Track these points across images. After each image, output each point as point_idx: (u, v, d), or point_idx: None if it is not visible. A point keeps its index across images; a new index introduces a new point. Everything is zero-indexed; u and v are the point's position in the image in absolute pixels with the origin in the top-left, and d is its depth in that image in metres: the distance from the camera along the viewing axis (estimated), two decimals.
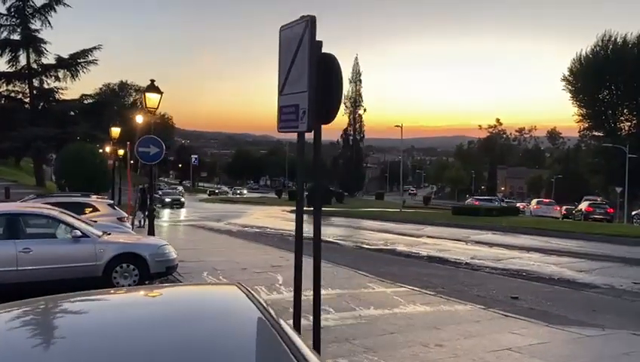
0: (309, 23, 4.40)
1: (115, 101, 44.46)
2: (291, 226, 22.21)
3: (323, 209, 23.32)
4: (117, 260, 9.41)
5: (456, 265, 13.71)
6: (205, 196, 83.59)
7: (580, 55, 60.27)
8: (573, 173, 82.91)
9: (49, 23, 38.06)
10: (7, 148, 37.54)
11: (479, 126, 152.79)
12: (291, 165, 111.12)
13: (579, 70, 59.68)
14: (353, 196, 77.99)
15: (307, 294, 9.03)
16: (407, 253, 16.26)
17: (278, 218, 34.64)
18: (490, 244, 18.68)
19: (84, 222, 11.88)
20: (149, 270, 9.64)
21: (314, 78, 4.52)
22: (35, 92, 38.46)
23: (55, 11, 38.02)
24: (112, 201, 15.64)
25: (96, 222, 12.87)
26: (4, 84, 38.38)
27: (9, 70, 37.92)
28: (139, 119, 20.77)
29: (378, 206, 56.11)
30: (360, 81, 79.29)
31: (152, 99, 13.12)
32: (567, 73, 61.48)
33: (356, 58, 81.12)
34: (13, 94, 39.34)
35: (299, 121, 4.71)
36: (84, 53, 37.93)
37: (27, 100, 38.45)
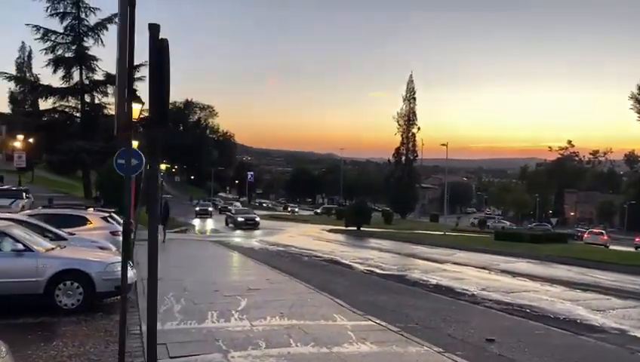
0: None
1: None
2: (318, 246, 21.65)
3: (363, 229, 22.77)
4: (60, 277, 8.90)
5: (458, 296, 12.34)
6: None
7: None
8: None
9: (101, 41, 39.57)
10: (57, 161, 39.18)
11: (549, 147, 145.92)
12: (347, 183, 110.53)
13: None
14: (404, 217, 75.83)
15: (258, 323, 8.18)
16: (415, 280, 14.97)
17: (312, 237, 33.85)
18: (515, 274, 17.00)
19: (53, 234, 11.63)
20: (95, 288, 9.08)
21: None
22: (86, 107, 39.96)
23: (107, 30, 39.50)
24: (106, 214, 15.34)
25: (73, 235, 12.61)
26: (59, 100, 40.09)
27: (63, 86, 39.61)
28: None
29: (429, 228, 54.08)
30: (414, 99, 77.52)
31: (133, 109, 12.71)
32: (636, 91, 57.31)
33: (411, 75, 79.46)
34: (67, 109, 41.06)
35: None
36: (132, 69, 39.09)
37: (78, 115, 39.99)
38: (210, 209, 58.78)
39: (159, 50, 3.83)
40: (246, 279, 13.06)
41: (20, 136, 36.83)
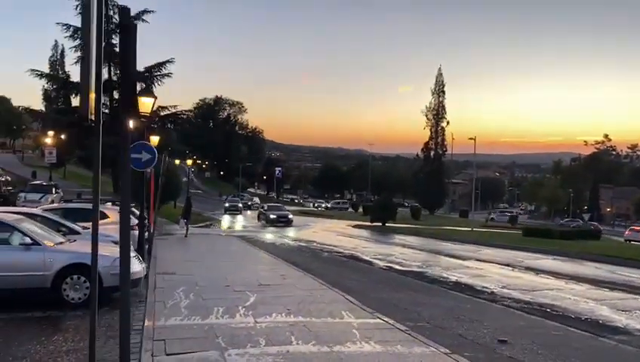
0: None
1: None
2: (340, 242, 21.39)
3: (388, 225, 22.37)
4: (67, 271, 8.91)
5: (477, 294, 11.94)
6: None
7: None
8: None
9: None
10: (86, 157, 39.85)
11: (585, 142, 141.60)
12: (376, 179, 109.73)
13: None
14: (433, 213, 74.83)
15: (262, 320, 8.03)
16: (434, 277, 14.60)
17: (336, 233, 33.60)
18: (539, 271, 16.44)
19: (67, 229, 11.70)
20: (103, 283, 9.04)
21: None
22: (114, 104, 40.53)
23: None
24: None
25: (88, 229, 12.67)
26: None
27: None
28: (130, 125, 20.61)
29: (458, 224, 53.14)
30: (443, 92, 76.27)
31: (145, 103, 12.72)
32: None
33: (439, 68, 78.26)
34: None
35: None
36: (158, 66, 39.53)
37: (107, 111, 40.59)
38: (240, 205, 57.27)
39: (126, 33, 3.66)
40: (259, 274, 12.91)
41: (51, 133, 37.62)
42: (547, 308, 10.38)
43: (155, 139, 21.14)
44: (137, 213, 15.56)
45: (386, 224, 39.72)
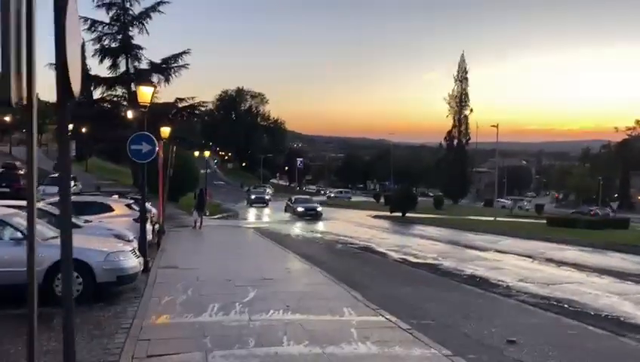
0: None
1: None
2: (356, 233, 20.82)
3: (408, 215, 21.74)
4: (59, 266, 8.62)
5: (491, 288, 11.36)
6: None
7: None
8: None
9: (146, 30, 39.94)
10: (104, 149, 40.14)
11: (615, 128, 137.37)
12: (398, 169, 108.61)
13: None
14: (457, 203, 73.61)
15: (257, 318, 7.64)
16: (449, 270, 14.03)
17: (354, 223, 33.10)
18: (560, 263, 15.70)
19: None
20: (95, 279, 8.78)
21: None
22: (132, 96, 40.62)
23: (151, 18, 39.83)
24: (131, 201, 15.21)
25: (90, 222, 12.47)
26: (107, 89, 40.94)
27: (110, 75, 40.37)
28: (129, 115, 20.45)
29: (482, 214, 52.06)
30: (466, 79, 74.54)
31: (144, 92, 12.40)
32: None
33: (462, 55, 76.52)
34: (115, 98, 41.91)
35: None
36: (175, 57, 39.40)
37: (125, 104, 40.68)
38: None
39: (59, 14, 3.24)
40: (264, 268, 12.54)
41: (70, 126, 37.87)
42: (565, 304, 9.76)
43: (166, 130, 20.98)
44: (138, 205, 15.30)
45: (406, 214, 39.03)
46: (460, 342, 7.01)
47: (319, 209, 36.09)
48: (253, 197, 53.62)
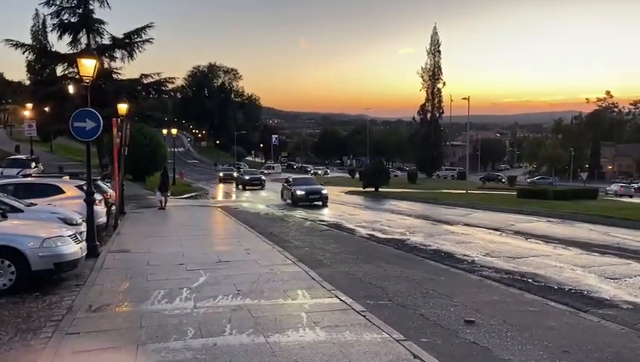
0: None
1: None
2: (328, 210, 20.07)
3: (381, 190, 21.02)
4: None
5: (455, 263, 11.05)
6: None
7: None
8: None
9: (107, 3, 38.22)
10: (65, 129, 38.55)
11: (586, 99, 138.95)
12: (375, 144, 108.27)
13: None
14: (431, 176, 73.80)
15: (203, 304, 7.14)
16: (415, 245, 13.70)
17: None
18: (528, 236, 15.52)
19: (8, 206, 10.73)
20: (30, 267, 8.14)
21: None
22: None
23: None
24: (82, 183, 14.42)
25: (34, 205, 11.74)
26: (68, 67, 39.28)
27: (70, 52, 38.68)
28: (71, 90, 19.55)
29: (455, 187, 52.15)
30: (439, 52, 74.15)
31: (86, 65, 11.63)
32: None
33: (435, 27, 75.73)
34: (77, 76, 40.29)
35: None
36: (138, 32, 37.91)
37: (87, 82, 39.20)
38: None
39: None
40: (222, 249, 12.04)
41: (29, 105, 36.37)
42: (529, 278, 9.48)
43: (123, 107, 20.10)
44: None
45: (380, 189, 38.76)
46: (415, 324, 6.64)
47: (324, 192, 28.40)
48: (221, 174, 53.23)
